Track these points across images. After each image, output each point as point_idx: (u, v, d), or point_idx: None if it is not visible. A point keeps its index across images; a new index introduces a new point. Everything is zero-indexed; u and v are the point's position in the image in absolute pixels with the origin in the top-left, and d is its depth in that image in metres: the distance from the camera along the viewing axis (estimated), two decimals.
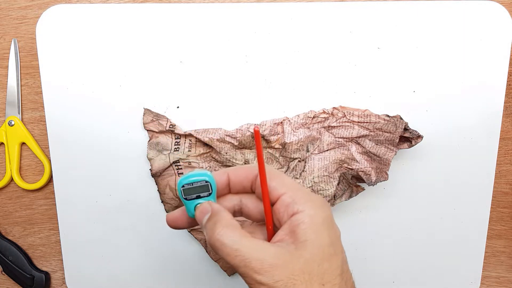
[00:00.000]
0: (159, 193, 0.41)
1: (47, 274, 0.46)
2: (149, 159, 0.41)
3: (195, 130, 0.40)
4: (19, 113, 0.44)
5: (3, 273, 0.46)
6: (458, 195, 0.42)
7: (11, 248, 0.46)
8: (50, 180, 0.45)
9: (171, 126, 0.40)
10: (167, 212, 0.42)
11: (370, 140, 0.39)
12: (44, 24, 0.40)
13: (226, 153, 0.40)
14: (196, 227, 0.42)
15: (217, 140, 0.40)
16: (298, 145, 0.39)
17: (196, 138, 0.40)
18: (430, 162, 0.42)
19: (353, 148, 0.40)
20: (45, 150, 0.44)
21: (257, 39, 0.40)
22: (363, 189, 0.41)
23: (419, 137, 0.39)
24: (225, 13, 0.40)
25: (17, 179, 0.44)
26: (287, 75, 0.41)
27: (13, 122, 0.44)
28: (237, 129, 0.40)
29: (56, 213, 0.43)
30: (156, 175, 0.41)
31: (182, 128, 0.41)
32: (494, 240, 0.46)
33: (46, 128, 0.41)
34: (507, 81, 0.41)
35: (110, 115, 0.41)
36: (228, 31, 0.40)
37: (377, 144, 0.39)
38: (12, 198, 0.46)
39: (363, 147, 0.40)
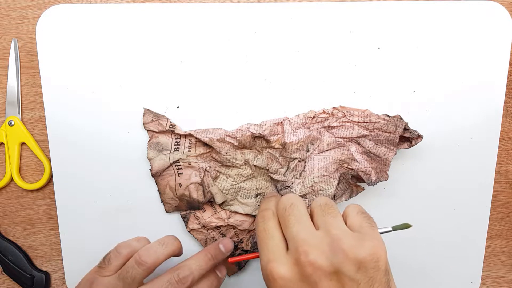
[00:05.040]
0: (159, 193, 0.41)
1: (47, 274, 0.46)
2: (149, 159, 0.41)
3: (195, 130, 0.40)
4: (19, 113, 0.44)
5: (3, 273, 0.46)
6: (458, 195, 0.42)
7: (11, 248, 0.46)
8: (50, 180, 0.45)
9: (171, 126, 0.40)
10: (167, 212, 0.42)
11: (370, 140, 0.39)
12: (44, 24, 0.40)
13: (226, 153, 0.40)
14: (195, 227, 0.42)
15: (217, 140, 0.40)
16: (298, 145, 0.39)
17: (196, 138, 0.40)
18: (430, 162, 0.42)
19: (353, 148, 0.40)
20: (45, 150, 0.44)
21: (257, 39, 0.40)
22: (363, 189, 0.41)
23: (419, 137, 0.39)
24: (225, 13, 0.40)
25: (17, 179, 0.44)
26: (287, 75, 0.41)
27: (13, 122, 0.44)
28: (237, 129, 0.40)
29: (56, 213, 0.43)
30: (156, 175, 0.41)
31: (182, 128, 0.41)
32: (494, 240, 0.46)
33: (46, 128, 0.41)
34: (507, 81, 0.41)
35: (110, 115, 0.41)
36: (228, 31, 0.40)
37: (377, 144, 0.39)
38: (12, 198, 0.46)
39: (363, 147, 0.40)
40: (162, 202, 0.42)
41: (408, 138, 0.39)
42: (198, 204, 0.41)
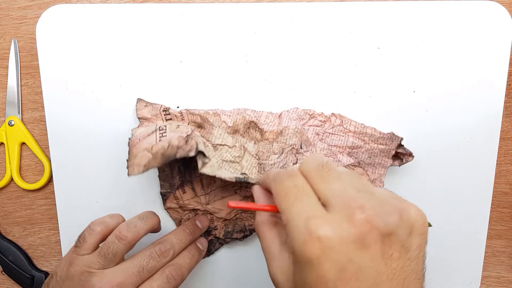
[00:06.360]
0: (127, 160, 0.34)
1: (47, 274, 0.46)
2: (132, 130, 0.37)
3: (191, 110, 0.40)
4: (19, 113, 0.44)
5: (3, 273, 0.46)
6: (458, 195, 0.42)
7: (11, 248, 0.46)
8: (50, 180, 0.45)
9: (165, 109, 0.39)
10: (129, 175, 0.33)
11: (363, 153, 0.40)
12: (44, 24, 0.40)
13: (218, 126, 0.39)
14: (173, 206, 0.41)
15: (213, 113, 0.39)
16: (295, 131, 0.39)
17: (189, 120, 0.39)
18: (430, 162, 0.42)
19: (344, 159, 0.40)
20: (45, 150, 0.44)
21: (257, 39, 0.40)
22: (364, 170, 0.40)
23: (411, 155, 0.39)
24: (225, 13, 0.40)
25: (17, 179, 0.44)
26: (287, 75, 0.41)
27: (13, 122, 0.44)
28: (234, 109, 0.40)
29: (56, 213, 0.43)
30: (132, 144, 0.35)
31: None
32: (494, 240, 0.46)
33: (46, 128, 0.41)
34: (507, 81, 0.41)
35: (110, 115, 0.41)
36: (228, 31, 0.40)
37: (370, 157, 0.39)
38: (12, 198, 0.46)
39: (355, 158, 0.40)
40: (127, 167, 0.34)
41: (399, 156, 0.40)
42: (176, 152, 0.33)
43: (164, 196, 0.41)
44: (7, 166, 0.44)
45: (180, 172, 0.40)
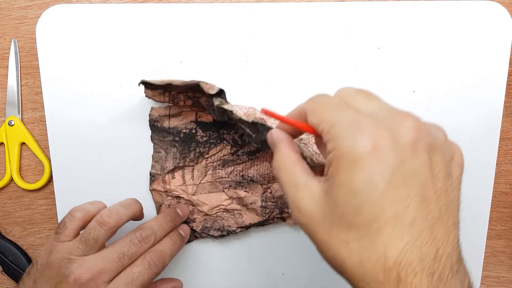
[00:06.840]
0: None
1: None
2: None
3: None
4: (19, 113, 0.44)
5: (3, 273, 0.46)
6: None
7: (11, 248, 0.46)
8: (50, 180, 0.45)
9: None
10: (146, 96, 0.38)
11: None
12: (44, 24, 0.40)
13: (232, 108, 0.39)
14: (158, 188, 0.41)
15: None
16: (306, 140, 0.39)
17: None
18: None
19: None
20: (45, 150, 0.44)
21: (257, 39, 0.40)
22: None
23: None
24: (225, 13, 0.40)
25: (17, 179, 0.44)
26: (287, 75, 0.41)
27: (13, 122, 0.44)
28: (246, 106, 0.40)
29: (56, 213, 0.43)
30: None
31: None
32: (494, 240, 0.46)
33: (46, 128, 0.41)
34: (507, 81, 0.41)
35: (110, 115, 0.41)
36: (228, 31, 0.40)
37: None
38: (12, 198, 0.46)
39: None
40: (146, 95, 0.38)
41: None
42: (197, 83, 0.36)
43: (153, 177, 0.41)
44: (7, 166, 0.44)
45: (174, 157, 0.41)
